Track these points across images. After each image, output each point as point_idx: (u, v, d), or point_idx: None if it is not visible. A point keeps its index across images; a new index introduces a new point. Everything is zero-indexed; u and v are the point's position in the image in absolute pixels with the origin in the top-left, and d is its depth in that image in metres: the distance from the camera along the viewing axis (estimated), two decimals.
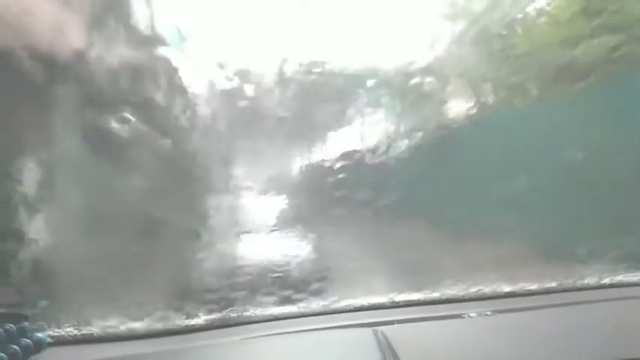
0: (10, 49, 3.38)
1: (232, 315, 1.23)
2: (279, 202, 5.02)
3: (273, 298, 1.45)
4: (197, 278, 3.03)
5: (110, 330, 1.18)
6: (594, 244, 2.92)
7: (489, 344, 1.05)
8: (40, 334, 1.06)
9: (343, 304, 1.27)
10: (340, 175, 6.28)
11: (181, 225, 3.73)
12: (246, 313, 1.23)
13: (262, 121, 6.74)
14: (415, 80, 5.81)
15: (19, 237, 2.35)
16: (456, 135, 4.79)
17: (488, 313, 1.20)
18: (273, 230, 4.14)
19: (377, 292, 1.38)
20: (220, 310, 1.25)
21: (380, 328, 1.08)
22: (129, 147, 4.13)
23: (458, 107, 5.28)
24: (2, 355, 0.95)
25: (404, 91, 5.98)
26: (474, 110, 5.06)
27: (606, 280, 1.33)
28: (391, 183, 5.10)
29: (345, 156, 6.76)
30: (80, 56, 3.83)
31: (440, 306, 1.31)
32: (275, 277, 3.12)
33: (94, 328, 1.17)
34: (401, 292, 1.27)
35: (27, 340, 1.02)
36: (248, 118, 6.76)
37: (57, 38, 3.80)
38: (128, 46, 4.50)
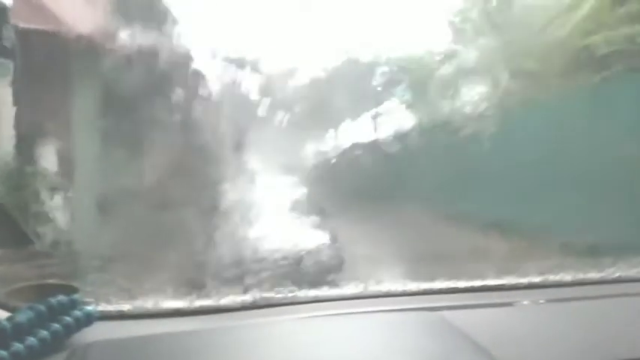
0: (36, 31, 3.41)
1: (279, 295, 1.22)
2: (295, 188, 5.04)
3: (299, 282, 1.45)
4: (223, 258, 3.07)
5: (156, 306, 1.18)
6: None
7: (541, 332, 1.04)
8: (89, 307, 1.06)
9: (397, 287, 1.26)
10: (354, 163, 6.26)
11: (202, 206, 3.77)
12: (292, 294, 1.22)
13: (278, 109, 6.73)
14: (433, 69, 5.76)
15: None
16: (474, 127, 4.74)
17: (542, 301, 1.19)
18: (295, 214, 4.17)
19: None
20: (267, 289, 1.24)
21: (442, 313, 1.07)
22: (147, 130, 4.17)
23: (475, 98, 5.24)
24: (57, 325, 0.95)
25: (421, 80, 5.93)
26: (492, 102, 5.01)
27: None
28: (405, 172, 5.10)
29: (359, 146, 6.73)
30: (103, 38, 3.85)
31: (491, 293, 1.30)
32: (298, 261, 3.14)
33: (141, 304, 1.18)
34: (451, 278, 1.26)
35: (77, 313, 1.03)
36: (263, 104, 6.73)
37: (80, 21, 3.82)
38: (147, 30, 4.50)
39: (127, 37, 4.19)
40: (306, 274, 3.04)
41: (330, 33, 6.47)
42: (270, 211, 4.15)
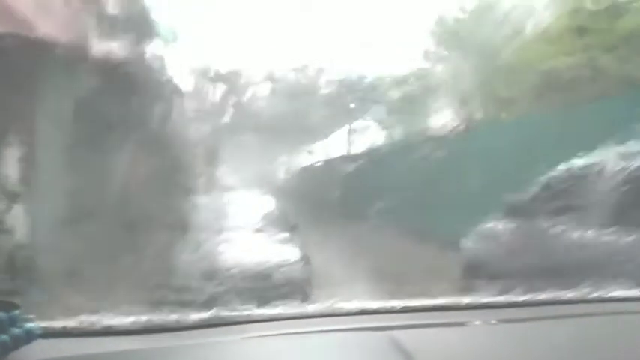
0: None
1: (233, 313, 1.19)
2: (265, 202, 5.00)
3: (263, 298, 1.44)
4: (190, 274, 2.99)
5: (101, 324, 1.13)
6: None
7: (493, 353, 1.04)
8: (31, 324, 1.01)
9: (351, 306, 1.24)
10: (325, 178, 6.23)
11: (169, 221, 3.67)
12: (246, 312, 1.18)
13: (251, 123, 6.72)
14: (404, 90, 5.88)
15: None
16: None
17: (493, 321, 1.19)
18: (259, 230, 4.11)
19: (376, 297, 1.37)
20: (221, 306, 1.20)
21: (392, 332, 1.06)
22: (115, 139, 4.07)
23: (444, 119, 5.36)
24: None
25: (392, 100, 6.04)
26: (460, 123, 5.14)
27: (613, 294, 1.34)
28: (371, 189, 5.14)
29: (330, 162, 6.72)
30: (74, 46, 3.76)
31: (444, 313, 1.29)
32: (264, 277, 3.10)
33: (85, 321, 1.12)
34: (409, 297, 1.25)
35: (17, 330, 0.97)
36: (237, 118, 6.72)
37: (50, 25, 3.73)
38: (120, 38, 4.43)
39: (99, 45, 4.12)
40: (272, 291, 3.00)
41: (305, 50, 6.57)
42: (235, 226, 4.08)
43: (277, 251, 3.74)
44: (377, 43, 5.72)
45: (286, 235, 4.12)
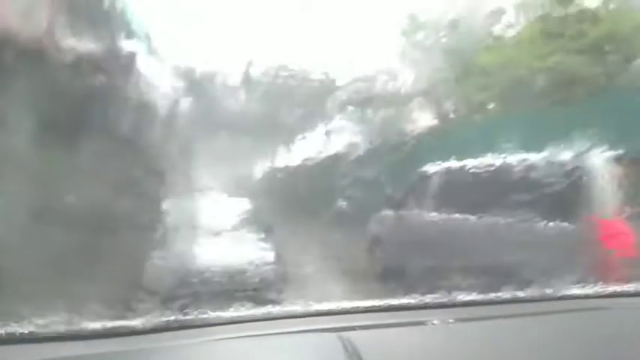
0: None
1: (189, 317, 1.16)
2: (241, 204, 4.95)
3: (232, 301, 1.42)
4: (153, 278, 2.92)
5: (59, 329, 1.08)
6: None
7: (452, 352, 1.05)
8: None
9: (306, 308, 1.23)
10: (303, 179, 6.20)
11: (139, 222, 3.58)
12: (203, 315, 1.17)
13: (226, 123, 6.63)
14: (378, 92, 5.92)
15: None
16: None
17: (451, 321, 1.19)
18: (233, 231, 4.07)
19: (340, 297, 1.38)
20: (177, 311, 1.17)
21: (345, 334, 1.05)
22: (88, 139, 3.94)
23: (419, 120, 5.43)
24: None
25: (367, 101, 6.07)
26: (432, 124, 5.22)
27: (567, 292, 1.37)
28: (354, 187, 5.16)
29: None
30: (45, 41, 3.62)
31: (403, 312, 1.29)
32: (234, 279, 3.06)
33: (41, 327, 1.08)
34: (365, 297, 1.25)
35: None
36: (212, 118, 6.62)
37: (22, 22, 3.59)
38: (94, 35, 4.30)
39: (68, 40, 3.98)
40: (245, 292, 2.97)
41: (281, 51, 6.54)
42: (209, 228, 4.03)
43: (251, 253, 3.71)
44: (350, 43, 5.76)
45: (261, 236, 4.09)
